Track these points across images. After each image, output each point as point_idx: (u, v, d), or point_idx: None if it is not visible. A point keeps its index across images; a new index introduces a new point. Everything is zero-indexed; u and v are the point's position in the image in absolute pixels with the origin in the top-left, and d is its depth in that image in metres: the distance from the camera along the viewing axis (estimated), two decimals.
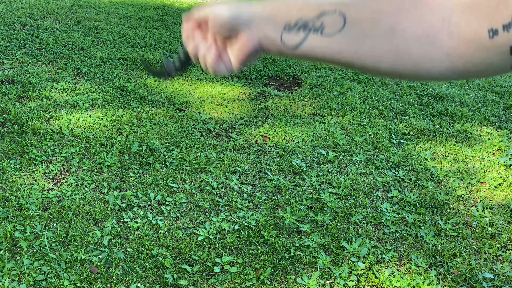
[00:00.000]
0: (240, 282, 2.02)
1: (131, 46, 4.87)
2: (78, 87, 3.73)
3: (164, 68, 0.76)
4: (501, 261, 2.31)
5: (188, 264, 2.09)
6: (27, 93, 3.50)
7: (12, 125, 3.04)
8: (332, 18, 0.57)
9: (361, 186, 2.80)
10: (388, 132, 3.54)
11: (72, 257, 2.05)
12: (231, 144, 3.14)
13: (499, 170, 3.11)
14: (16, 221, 2.22)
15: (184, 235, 2.26)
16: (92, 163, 2.76)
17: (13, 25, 5.01)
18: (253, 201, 2.57)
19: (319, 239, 2.31)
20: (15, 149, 2.79)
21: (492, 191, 2.87)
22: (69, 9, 5.92)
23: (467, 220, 2.59)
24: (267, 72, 4.54)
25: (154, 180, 2.66)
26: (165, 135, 3.14)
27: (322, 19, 0.58)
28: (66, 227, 2.23)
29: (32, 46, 4.50)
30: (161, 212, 2.42)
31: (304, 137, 3.33)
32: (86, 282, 1.94)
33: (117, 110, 3.43)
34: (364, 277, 2.12)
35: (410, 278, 2.12)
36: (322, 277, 2.10)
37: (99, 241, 2.17)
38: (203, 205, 2.49)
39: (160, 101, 3.66)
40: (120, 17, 5.88)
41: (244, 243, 2.25)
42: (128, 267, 2.04)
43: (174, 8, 6.68)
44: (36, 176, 2.58)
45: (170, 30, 5.57)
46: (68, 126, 3.12)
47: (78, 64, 4.20)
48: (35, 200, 2.39)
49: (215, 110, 3.63)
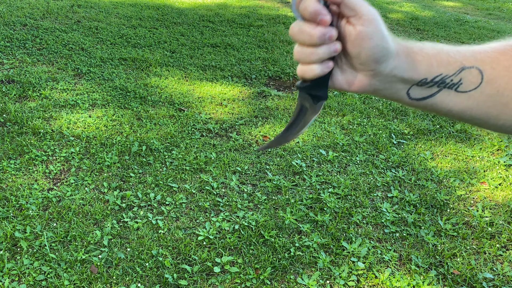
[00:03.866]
0: (240, 282, 2.02)
1: (131, 46, 4.87)
2: (78, 87, 3.73)
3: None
4: (501, 261, 2.31)
5: (188, 264, 2.09)
6: (27, 93, 3.50)
7: (12, 125, 3.04)
8: (471, 74, 0.55)
9: (361, 186, 2.81)
10: (388, 132, 3.54)
11: (72, 257, 2.05)
12: (231, 144, 3.14)
13: (499, 170, 3.11)
14: (16, 221, 2.22)
15: (184, 235, 2.26)
16: (92, 163, 2.76)
17: (13, 25, 5.01)
18: (253, 201, 2.57)
19: (319, 239, 2.31)
20: (15, 149, 2.79)
21: (492, 191, 2.87)
22: (69, 9, 5.92)
23: (467, 220, 2.59)
24: (267, 72, 4.54)
25: (154, 180, 2.66)
26: (165, 135, 3.14)
27: (461, 75, 0.55)
28: (66, 227, 2.23)
29: (32, 46, 4.50)
30: (161, 212, 2.42)
31: (304, 137, 3.33)
32: (86, 282, 1.94)
33: (117, 110, 3.43)
34: (364, 277, 2.12)
35: (410, 278, 2.13)
36: (322, 277, 2.10)
37: (99, 241, 2.17)
38: (203, 205, 2.49)
39: (160, 101, 3.66)
40: (120, 17, 5.88)
41: (244, 243, 2.25)
42: (128, 267, 2.04)
43: (174, 8, 6.68)
44: (36, 176, 2.58)
45: (170, 30, 5.57)
46: (68, 126, 3.12)
47: (78, 64, 4.20)
48: (35, 200, 2.39)
49: (215, 110, 3.63)
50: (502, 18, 8.49)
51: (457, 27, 7.20)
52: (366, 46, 0.53)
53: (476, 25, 7.46)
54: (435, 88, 0.56)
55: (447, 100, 0.56)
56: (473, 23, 7.58)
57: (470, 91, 0.55)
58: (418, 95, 0.56)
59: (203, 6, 7.06)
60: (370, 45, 0.53)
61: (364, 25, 0.52)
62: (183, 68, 4.42)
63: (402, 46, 0.56)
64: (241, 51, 5.07)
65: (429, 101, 0.57)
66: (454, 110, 0.57)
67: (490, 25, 7.57)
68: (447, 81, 0.55)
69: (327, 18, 0.53)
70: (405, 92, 0.57)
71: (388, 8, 8.16)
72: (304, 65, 0.57)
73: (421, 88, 0.56)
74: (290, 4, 0.50)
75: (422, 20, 7.44)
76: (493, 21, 7.99)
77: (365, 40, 0.53)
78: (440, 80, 0.55)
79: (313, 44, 0.54)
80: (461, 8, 9.05)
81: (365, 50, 0.53)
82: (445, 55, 0.56)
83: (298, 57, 0.57)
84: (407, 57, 0.55)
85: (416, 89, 0.56)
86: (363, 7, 0.53)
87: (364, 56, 0.54)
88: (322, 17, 0.53)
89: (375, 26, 0.53)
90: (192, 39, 5.32)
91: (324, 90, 0.59)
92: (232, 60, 4.75)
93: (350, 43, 0.54)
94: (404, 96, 0.57)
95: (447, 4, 9.23)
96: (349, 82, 0.57)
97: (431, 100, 0.57)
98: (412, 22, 7.25)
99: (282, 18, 6.78)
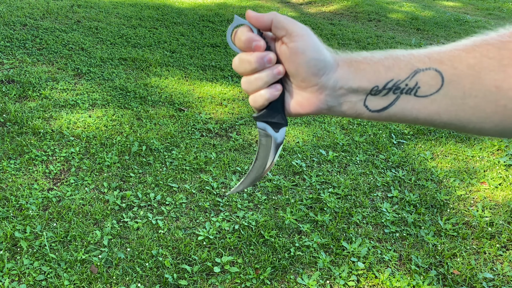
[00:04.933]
0: (240, 282, 2.02)
1: (131, 46, 4.87)
2: (78, 87, 3.73)
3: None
4: (501, 261, 2.31)
5: (188, 264, 2.09)
6: (27, 93, 3.50)
7: (12, 125, 3.04)
8: (429, 76, 0.51)
9: (361, 186, 2.80)
10: (388, 132, 3.54)
11: (72, 257, 2.05)
12: (231, 144, 3.14)
13: (499, 170, 3.11)
14: (16, 221, 2.22)
15: (184, 235, 2.26)
16: (92, 163, 2.76)
17: (13, 25, 5.01)
18: (253, 201, 2.57)
19: (319, 239, 2.31)
20: (15, 149, 2.78)
21: (492, 191, 2.87)
22: (69, 9, 5.92)
23: (467, 220, 2.59)
24: None
25: (154, 180, 2.66)
26: (165, 135, 3.14)
27: (416, 78, 0.52)
28: (66, 227, 2.23)
29: (32, 46, 4.50)
30: (161, 212, 2.42)
31: (304, 137, 3.33)
32: (86, 282, 1.94)
33: (117, 110, 3.43)
34: (364, 277, 2.12)
35: (410, 278, 2.12)
36: (322, 277, 2.10)
37: (99, 241, 2.17)
38: (203, 205, 2.49)
39: (160, 101, 3.66)
40: (120, 17, 5.88)
41: (244, 243, 2.25)
42: (128, 267, 2.04)
43: (174, 8, 6.68)
44: (36, 176, 2.58)
45: (170, 30, 5.57)
46: (68, 126, 3.12)
47: (78, 64, 4.20)
48: (35, 200, 2.39)
49: (215, 110, 3.63)
50: (502, 18, 8.49)
51: (457, 27, 7.20)
52: (301, 61, 0.53)
53: (476, 25, 7.46)
54: (391, 95, 0.53)
55: (408, 106, 0.53)
56: (473, 23, 7.58)
57: (431, 95, 0.52)
58: (377, 106, 0.54)
59: (203, 6, 7.06)
60: (304, 59, 0.53)
61: (295, 41, 0.53)
62: (183, 68, 4.42)
63: (342, 57, 0.55)
64: None
65: (391, 110, 0.54)
66: (421, 117, 0.53)
67: (490, 25, 7.57)
68: (401, 86, 0.52)
69: (261, 43, 0.55)
70: (362, 105, 0.54)
71: (388, 8, 8.16)
72: (253, 93, 0.57)
73: (377, 97, 0.53)
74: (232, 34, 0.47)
75: (422, 20, 7.44)
76: (494, 21, 7.99)
77: (298, 55, 0.53)
78: (394, 86, 0.52)
79: (254, 70, 0.56)
80: (461, 8, 9.05)
81: (301, 65, 0.53)
82: (394, 59, 0.53)
83: (246, 88, 0.58)
84: (350, 67, 0.54)
85: (372, 100, 0.54)
86: (292, 24, 0.54)
87: (302, 71, 0.54)
88: (256, 43, 0.55)
89: (306, 41, 0.53)
90: (192, 39, 5.32)
91: (280, 115, 0.59)
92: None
93: (287, 62, 0.55)
94: (363, 110, 0.55)
95: (447, 4, 9.23)
96: (301, 103, 0.57)
97: (393, 109, 0.53)
98: (412, 22, 7.25)
99: None
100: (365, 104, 0.54)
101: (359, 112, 0.55)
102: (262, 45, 0.55)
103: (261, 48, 0.55)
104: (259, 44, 0.55)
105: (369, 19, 7.31)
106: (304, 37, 0.53)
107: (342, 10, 7.78)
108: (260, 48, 0.55)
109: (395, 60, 0.53)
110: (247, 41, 0.55)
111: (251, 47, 0.55)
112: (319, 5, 8.01)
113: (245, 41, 0.55)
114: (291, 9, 7.71)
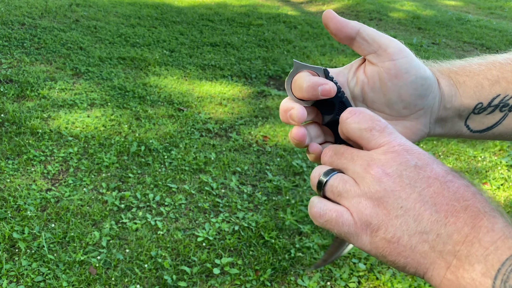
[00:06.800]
0: (240, 283, 2.00)
1: (130, 45, 4.85)
2: (77, 87, 3.71)
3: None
4: None
5: (188, 265, 2.07)
6: (25, 92, 3.48)
7: (10, 125, 3.02)
8: None
9: None
10: None
11: (71, 258, 2.03)
12: (230, 144, 3.12)
13: (501, 170, 3.09)
14: (14, 222, 2.20)
15: (183, 236, 2.24)
16: (91, 163, 2.74)
17: (11, 24, 4.99)
18: (253, 202, 2.55)
19: (319, 240, 2.29)
20: (13, 149, 2.76)
21: (494, 192, 2.85)
22: (68, 8, 5.89)
23: None
24: (267, 71, 4.52)
25: (153, 180, 2.64)
26: (164, 135, 3.12)
27: None
28: (65, 228, 2.21)
29: (30, 45, 4.47)
30: (160, 213, 2.40)
31: None
32: (85, 283, 1.92)
33: (116, 109, 3.41)
34: (365, 278, 2.10)
35: (411, 280, 2.11)
36: (323, 278, 2.08)
37: (97, 242, 2.15)
38: (203, 205, 2.47)
39: (159, 100, 3.64)
40: (119, 16, 5.86)
41: (244, 244, 2.23)
42: (127, 268, 2.02)
43: (173, 7, 6.66)
44: (34, 177, 2.56)
45: (169, 29, 5.54)
46: (66, 126, 3.09)
47: (77, 63, 4.17)
48: (33, 200, 2.36)
49: (214, 109, 3.61)
50: (504, 17, 8.47)
51: (458, 26, 7.18)
52: (404, 83, 0.43)
53: (477, 24, 7.43)
54: (497, 113, 0.45)
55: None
56: (474, 22, 7.56)
57: None
58: (480, 125, 0.46)
59: (202, 4, 7.04)
60: (408, 79, 0.43)
61: (393, 59, 0.42)
62: (182, 67, 4.40)
63: (437, 67, 0.47)
64: (241, 50, 5.05)
65: (496, 130, 0.46)
66: None
67: (492, 24, 7.54)
68: (510, 103, 0.44)
69: (329, 86, 0.42)
70: (463, 124, 0.46)
71: (389, 7, 8.13)
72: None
73: (480, 116, 0.46)
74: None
75: (424, 19, 7.42)
76: (495, 20, 7.97)
77: (400, 76, 0.43)
78: (501, 103, 0.44)
79: None
80: (463, 7, 9.03)
81: (404, 88, 0.43)
82: (498, 70, 0.45)
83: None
84: (449, 79, 0.46)
85: (474, 119, 0.46)
86: (385, 38, 0.44)
87: (406, 95, 0.43)
88: (323, 88, 0.42)
89: (407, 57, 0.43)
90: (191, 38, 5.30)
91: None
92: (232, 59, 4.73)
93: (383, 89, 0.43)
94: (463, 130, 0.47)
95: (448, 3, 9.21)
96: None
97: (498, 129, 0.46)
98: (413, 21, 7.22)
99: (282, 17, 6.75)
100: (466, 124, 0.46)
101: (459, 133, 0.48)
102: (331, 89, 0.42)
103: (331, 93, 0.42)
104: (326, 88, 0.42)
105: (370, 18, 7.29)
106: (404, 53, 0.43)
107: (343, 9, 7.75)
108: (329, 93, 0.42)
109: (499, 70, 0.45)
110: (311, 87, 0.42)
111: (317, 95, 0.42)
112: (320, 4, 7.99)
113: (307, 88, 0.42)
114: (291, 8, 7.69)
